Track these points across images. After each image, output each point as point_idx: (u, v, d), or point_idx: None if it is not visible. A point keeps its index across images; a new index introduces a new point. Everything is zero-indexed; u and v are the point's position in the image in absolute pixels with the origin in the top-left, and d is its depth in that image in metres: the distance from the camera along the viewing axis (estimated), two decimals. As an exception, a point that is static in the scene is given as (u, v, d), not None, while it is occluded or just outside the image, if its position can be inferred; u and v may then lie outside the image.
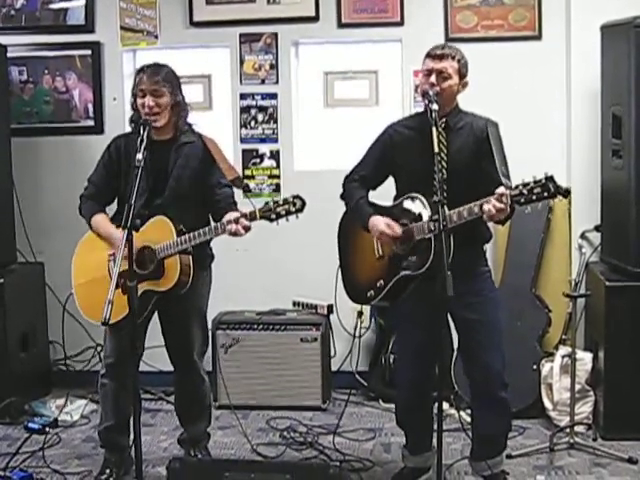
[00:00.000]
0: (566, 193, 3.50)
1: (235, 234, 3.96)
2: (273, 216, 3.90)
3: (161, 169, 4.21)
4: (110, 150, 4.35)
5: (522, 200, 3.50)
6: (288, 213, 3.90)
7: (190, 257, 4.13)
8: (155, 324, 4.40)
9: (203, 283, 4.39)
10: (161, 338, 4.43)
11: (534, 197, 3.48)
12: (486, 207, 3.58)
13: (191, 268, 4.13)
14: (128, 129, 4.45)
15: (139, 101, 4.17)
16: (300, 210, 3.90)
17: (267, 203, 3.93)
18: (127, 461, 4.40)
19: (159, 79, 4.14)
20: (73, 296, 4.37)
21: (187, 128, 4.31)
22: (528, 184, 3.48)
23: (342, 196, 4.24)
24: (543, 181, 3.44)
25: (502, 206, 3.53)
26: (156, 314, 4.38)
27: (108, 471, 4.37)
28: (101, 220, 4.32)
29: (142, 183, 3.82)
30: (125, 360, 4.07)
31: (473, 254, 4.03)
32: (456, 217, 3.70)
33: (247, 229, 3.96)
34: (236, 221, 3.94)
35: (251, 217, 3.95)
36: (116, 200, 4.37)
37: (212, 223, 4.15)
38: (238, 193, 4.37)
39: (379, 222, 3.99)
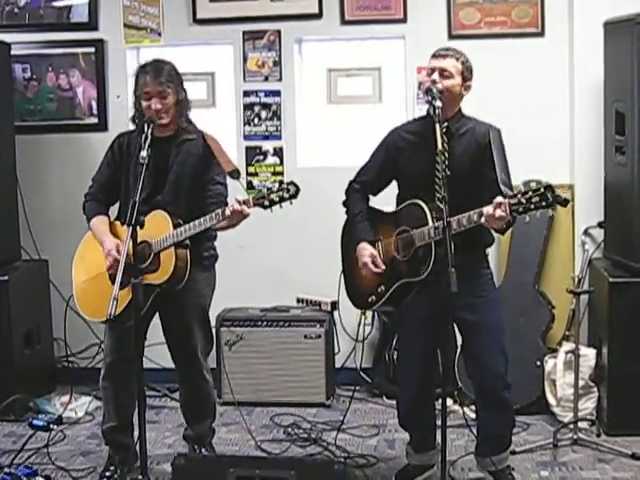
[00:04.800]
0: (565, 202, 3.44)
1: (231, 219, 3.90)
2: (267, 203, 3.81)
3: (161, 165, 4.19)
4: (113, 148, 4.35)
5: (520, 209, 3.44)
6: (282, 199, 3.81)
7: (187, 251, 4.08)
8: (156, 321, 4.39)
9: (206, 283, 4.37)
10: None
11: (532, 206, 3.42)
12: (485, 215, 3.56)
13: (188, 262, 4.09)
14: (132, 126, 4.44)
15: (144, 103, 4.15)
16: (294, 196, 3.80)
17: (260, 190, 3.90)
18: (132, 458, 4.40)
19: (163, 80, 4.12)
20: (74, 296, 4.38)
21: (188, 125, 4.29)
22: (527, 193, 3.42)
23: (344, 203, 4.24)
24: (542, 190, 3.38)
25: (502, 214, 3.50)
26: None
27: (113, 468, 4.38)
28: (99, 224, 4.31)
29: (144, 180, 3.79)
30: (124, 360, 4.08)
31: (475, 258, 4.02)
32: (456, 225, 3.67)
33: (241, 214, 3.88)
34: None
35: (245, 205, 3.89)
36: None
37: None
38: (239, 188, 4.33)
39: (365, 252, 4.02)
